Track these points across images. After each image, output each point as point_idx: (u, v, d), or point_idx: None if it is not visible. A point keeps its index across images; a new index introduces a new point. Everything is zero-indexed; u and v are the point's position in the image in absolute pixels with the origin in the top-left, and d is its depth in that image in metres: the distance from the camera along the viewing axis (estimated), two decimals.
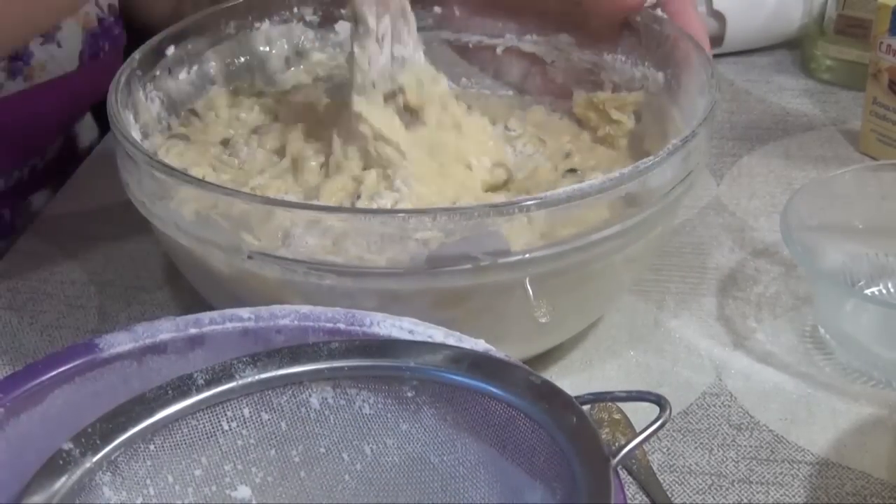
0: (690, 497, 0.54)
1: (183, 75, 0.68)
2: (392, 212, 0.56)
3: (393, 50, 0.63)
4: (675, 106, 0.64)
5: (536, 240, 0.53)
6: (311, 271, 0.52)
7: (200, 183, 0.54)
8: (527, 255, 0.52)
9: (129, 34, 0.88)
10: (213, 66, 0.70)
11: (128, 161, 0.56)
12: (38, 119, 0.80)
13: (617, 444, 0.51)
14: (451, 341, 0.46)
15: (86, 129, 0.92)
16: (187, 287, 0.68)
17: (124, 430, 0.41)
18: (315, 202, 0.59)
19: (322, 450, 0.44)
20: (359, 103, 0.61)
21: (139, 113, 0.64)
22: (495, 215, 0.51)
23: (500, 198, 0.62)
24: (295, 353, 0.44)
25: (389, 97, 0.62)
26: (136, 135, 0.61)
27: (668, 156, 0.54)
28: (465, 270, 0.52)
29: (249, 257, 0.53)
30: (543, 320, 0.56)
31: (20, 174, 0.83)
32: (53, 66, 0.78)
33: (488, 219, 0.51)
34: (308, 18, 0.73)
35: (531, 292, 0.55)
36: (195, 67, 0.69)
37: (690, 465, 0.55)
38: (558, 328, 0.60)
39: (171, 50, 0.67)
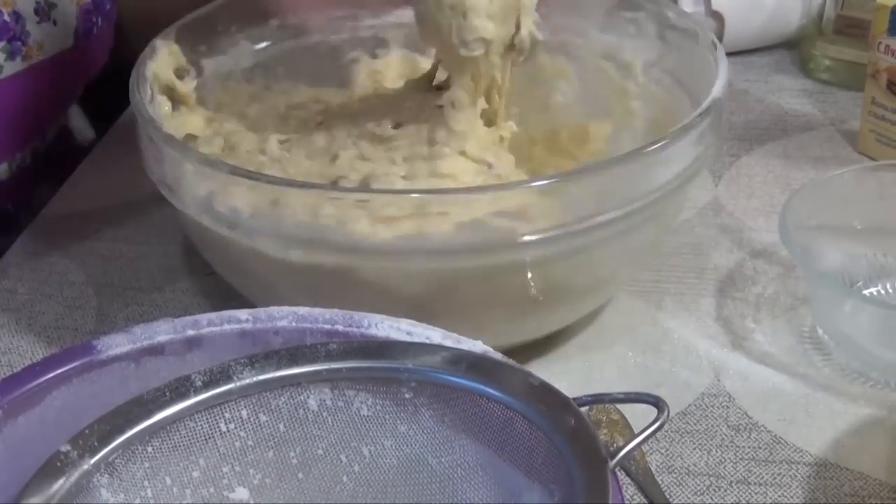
0: (689, 498, 0.54)
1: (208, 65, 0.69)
2: (406, 192, 0.56)
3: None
4: (685, 95, 0.65)
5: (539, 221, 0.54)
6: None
7: (256, 175, 0.55)
8: (527, 238, 0.53)
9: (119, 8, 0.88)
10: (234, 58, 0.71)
11: (169, 157, 0.57)
12: (39, 98, 0.80)
13: (615, 445, 0.51)
14: (449, 343, 0.46)
15: (77, 122, 0.92)
16: (185, 288, 0.69)
17: (122, 431, 0.41)
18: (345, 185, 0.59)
19: (320, 451, 0.44)
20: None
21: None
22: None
23: None
24: (293, 355, 0.44)
25: None
26: None
27: (675, 139, 0.55)
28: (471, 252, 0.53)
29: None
30: (536, 302, 0.57)
31: (23, 158, 0.83)
32: (50, 44, 0.78)
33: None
34: None
35: (530, 275, 0.55)
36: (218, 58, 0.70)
37: (689, 466, 0.55)
38: (552, 315, 0.60)
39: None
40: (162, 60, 0.64)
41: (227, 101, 0.69)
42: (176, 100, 0.65)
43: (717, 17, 0.91)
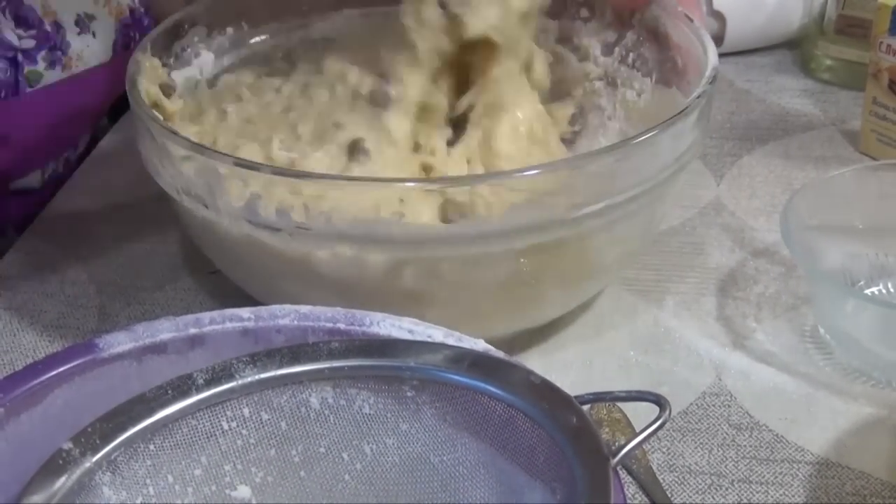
0: (690, 497, 0.54)
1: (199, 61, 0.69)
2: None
3: None
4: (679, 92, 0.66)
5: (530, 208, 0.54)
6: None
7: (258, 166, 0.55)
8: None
9: None
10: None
11: (163, 152, 0.56)
12: (73, 109, 0.81)
13: (617, 443, 0.51)
14: (451, 341, 0.46)
15: (104, 127, 0.92)
16: (187, 287, 0.69)
17: (124, 429, 0.41)
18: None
19: (322, 449, 0.44)
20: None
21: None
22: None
23: None
24: (295, 353, 0.44)
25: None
26: None
27: (666, 128, 0.55)
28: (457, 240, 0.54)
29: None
30: (526, 291, 0.57)
31: (55, 168, 0.83)
32: (89, 56, 0.79)
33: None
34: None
35: (520, 262, 0.56)
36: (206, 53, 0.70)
37: (690, 464, 0.55)
38: (542, 305, 0.61)
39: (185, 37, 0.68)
40: (148, 76, 0.64)
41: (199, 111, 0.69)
42: (164, 116, 0.65)
43: (719, 16, 0.91)
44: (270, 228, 0.54)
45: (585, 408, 0.41)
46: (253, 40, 0.73)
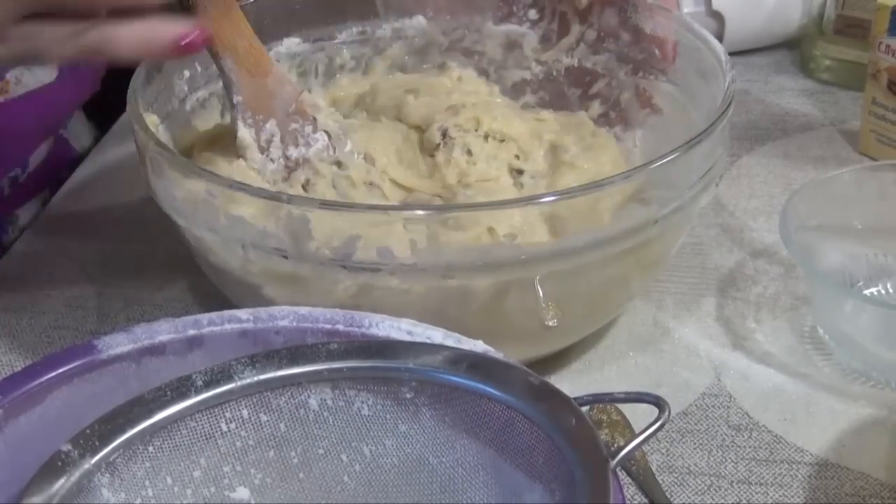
0: (690, 498, 0.54)
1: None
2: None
3: (287, 152, 0.60)
4: (693, 108, 0.66)
5: (548, 237, 0.54)
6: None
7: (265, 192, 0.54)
8: (532, 253, 0.52)
9: None
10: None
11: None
12: (15, 130, 0.77)
13: (616, 445, 0.51)
14: (450, 342, 0.46)
15: (79, 129, 0.90)
16: (186, 288, 0.69)
17: (123, 431, 0.41)
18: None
19: (321, 451, 0.44)
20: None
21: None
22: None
23: None
24: (294, 355, 0.44)
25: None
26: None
27: (688, 149, 0.55)
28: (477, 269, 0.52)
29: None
30: (552, 322, 0.56)
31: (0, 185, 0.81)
32: (30, 78, 0.76)
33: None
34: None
35: (541, 292, 0.55)
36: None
37: (689, 465, 0.55)
38: (567, 331, 0.60)
39: None
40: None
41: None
42: None
43: (718, 16, 0.91)
44: (368, 270, 0.52)
45: (584, 409, 0.41)
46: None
